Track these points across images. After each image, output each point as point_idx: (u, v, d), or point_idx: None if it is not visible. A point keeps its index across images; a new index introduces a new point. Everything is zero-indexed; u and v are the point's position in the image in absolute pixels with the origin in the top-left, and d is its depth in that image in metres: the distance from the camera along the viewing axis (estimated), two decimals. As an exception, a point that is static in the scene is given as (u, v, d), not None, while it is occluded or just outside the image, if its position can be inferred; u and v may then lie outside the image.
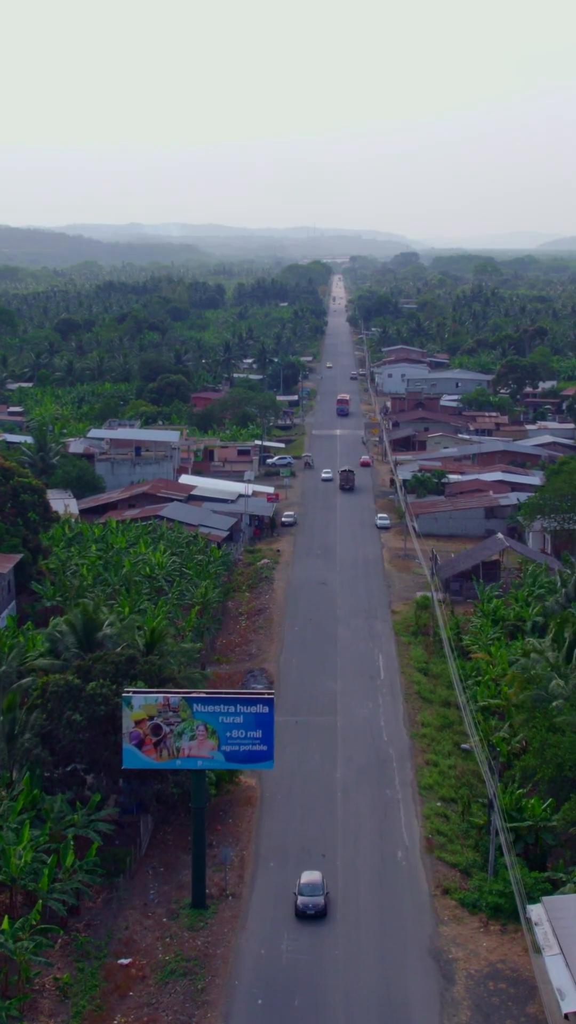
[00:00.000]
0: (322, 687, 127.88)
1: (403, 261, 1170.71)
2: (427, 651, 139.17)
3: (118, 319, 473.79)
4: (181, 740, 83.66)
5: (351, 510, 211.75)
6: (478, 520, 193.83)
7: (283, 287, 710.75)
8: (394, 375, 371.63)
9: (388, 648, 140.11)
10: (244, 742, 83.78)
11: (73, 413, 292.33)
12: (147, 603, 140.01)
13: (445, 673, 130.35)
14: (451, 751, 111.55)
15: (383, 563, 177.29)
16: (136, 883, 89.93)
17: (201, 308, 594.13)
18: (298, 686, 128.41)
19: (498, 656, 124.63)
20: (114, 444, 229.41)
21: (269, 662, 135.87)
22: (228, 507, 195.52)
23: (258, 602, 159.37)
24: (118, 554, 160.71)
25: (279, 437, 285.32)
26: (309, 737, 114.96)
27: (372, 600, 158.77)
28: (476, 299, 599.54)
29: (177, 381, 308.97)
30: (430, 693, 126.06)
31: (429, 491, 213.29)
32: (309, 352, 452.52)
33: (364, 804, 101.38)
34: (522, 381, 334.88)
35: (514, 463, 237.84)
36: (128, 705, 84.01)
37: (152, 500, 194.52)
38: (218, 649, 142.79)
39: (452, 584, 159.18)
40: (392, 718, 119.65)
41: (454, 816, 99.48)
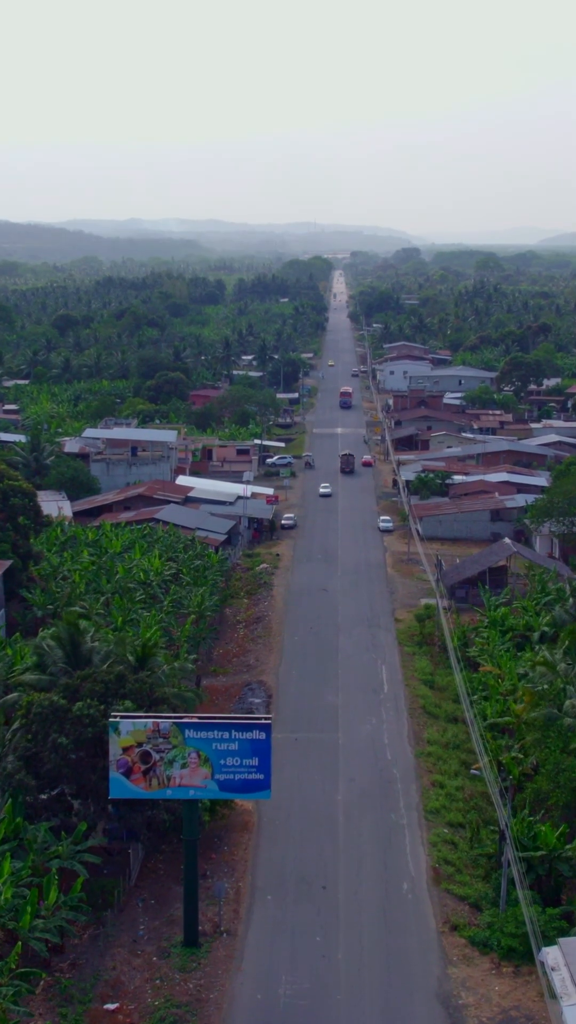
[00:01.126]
0: (323, 701, 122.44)
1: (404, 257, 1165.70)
2: (432, 662, 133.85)
3: (116, 315, 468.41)
4: (172, 768, 78.21)
5: (353, 512, 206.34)
6: (483, 523, 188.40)
7: (284, 283, 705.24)
8: (396, 372, 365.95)
9: (391, 659, 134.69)
10: (239, 770, 78.34)
11: (69, 411, 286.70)
12: (140, 612, 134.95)
13: (451, 686, 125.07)
14: (458, 771, 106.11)
15: (386, 568, 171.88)
16: (125, 917, 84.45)
17: (201, 304, 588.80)
18: (298, 700, 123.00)
19: (507, 669, 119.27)
20: (110, 444, 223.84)
21: (268, 674, 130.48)
22: (226, 509, 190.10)
23: (257, 609, 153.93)
24: (112, 559, 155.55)
25: (279, 436, 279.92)
26: (309, 756, 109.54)
27: (375, 608, 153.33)
28: (478, 295, 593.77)
29: (175, 378, 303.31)
30: (435, 708, 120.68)
31: (432, 492, 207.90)
32: (310, 349, 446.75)
33: (367, 830, 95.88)
34: (526, 378, 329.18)
35: (519, 463, 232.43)
36: (115, 731, 78.53)
37: (148, 502, 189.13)
38: (215, 660, 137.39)
39: (457, 591, 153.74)
40: (396, 735, 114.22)
41: (462, 843, 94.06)
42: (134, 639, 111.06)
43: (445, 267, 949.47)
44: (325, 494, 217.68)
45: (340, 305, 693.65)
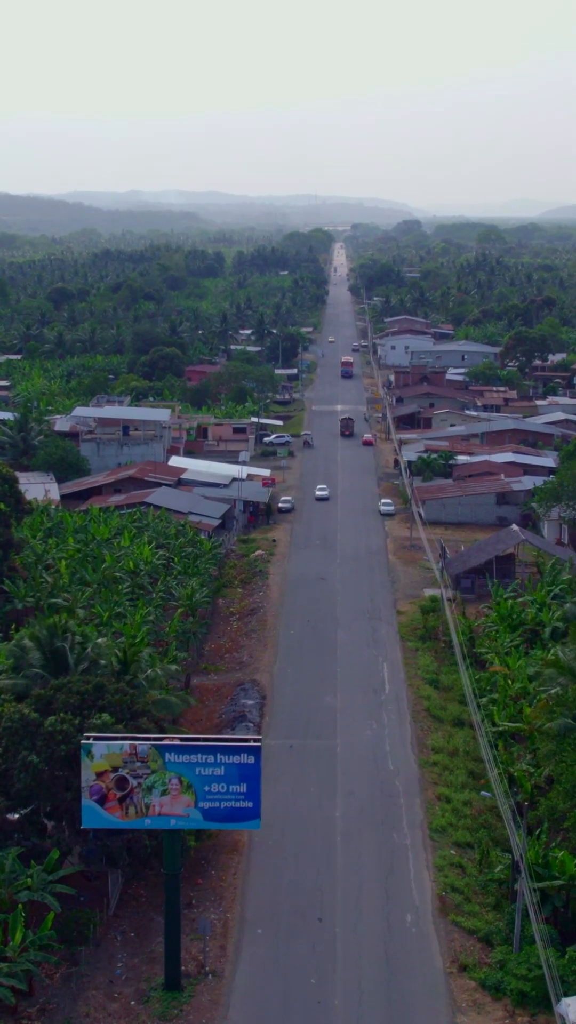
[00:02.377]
0: (320, 703, 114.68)
1: (405, 229, 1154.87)
2: (436, 659, 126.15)
3: (113, 288, 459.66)
4: (151, 795, 70.50)
5: (352, 494, 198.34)
6: (489, 507, 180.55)
7: (283, 255, 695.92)
8: (397, 347, 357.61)
9: (393, 656, 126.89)
10: (225, 797, 70.66)
11: (61, 388, 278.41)
12: (127, 605, 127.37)
13: (457, 684, 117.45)
14: (465, 782, 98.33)
15: (387, 555, 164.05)
16: (102, 953, 76.82)
17: (200, 277, 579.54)
18: (293, 702, 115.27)
19: (516, 669, 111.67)
20: (101, 423, 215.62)
21: (262, 672, 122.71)
22: (220, 492, 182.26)
23: (251, 600, 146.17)
24: (99, 547, 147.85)
25: (277, 413, 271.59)
26: (305, 765, 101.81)
27: (375, 599, 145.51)
28: (481, 268, 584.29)
29: (171, 354, 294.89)
30: (440, 710, 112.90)
31: (435, 474, 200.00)
32: (310, 323, 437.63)
33: (367, 852, 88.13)
34: (531, 354, 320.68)
35: (525, 442, 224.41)
36: (88, 755, 70.74)
37: (139, 484, 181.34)
38: (206, 656, 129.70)
39: (463, 581, 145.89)
40: (399, 741, 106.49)
41: (470, 867, 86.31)
42: (117, 640, 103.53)
43: (447, 239, 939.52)
44: (322, 497, 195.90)
45: (340, 278, 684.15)
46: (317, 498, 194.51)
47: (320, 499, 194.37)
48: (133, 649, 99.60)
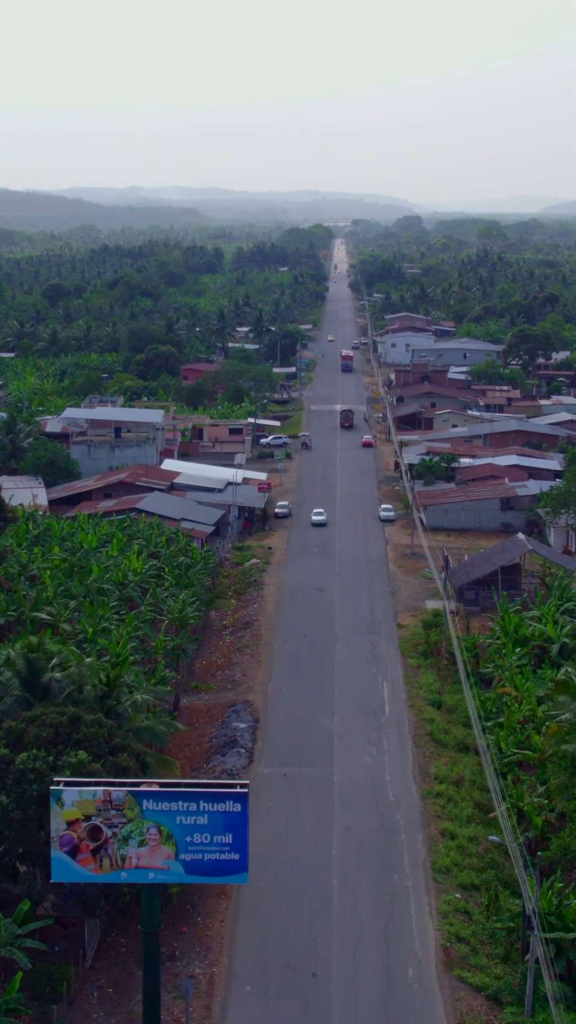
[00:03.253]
0: (317, 727, 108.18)
1: (406, 225, 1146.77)
2: (439, 677, 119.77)
3: (110, 285, 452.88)
4: (127, 846, 63.91)
5: (352, 498, 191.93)
6: (493, 512, 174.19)
7: (283, 251, 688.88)
8: (398, 345, 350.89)
9: (394, 673, 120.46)
10: (209, 849, 64.01)
11: (54, 387, 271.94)
12: (115, 619, 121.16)
13: (461, 705, 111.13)
14: (471, 816, 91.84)
15: (387, 564, 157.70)
16: (76, 1012, 70.42)
17: (198, 273, 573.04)
18: (288, 725, 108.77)
19: (524, 690, 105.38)
20: (92, 424, 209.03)
21: (255, 692, 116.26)
22: (215, 497, 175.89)
23: (245, 612, 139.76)
24: (86, 556, 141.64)
25: (275, 413, 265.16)
26: (299, 797, 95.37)
27: (375, 611, 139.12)
28: (482, 264, 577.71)
29: (166, 352, 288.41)
30: (444, 734, 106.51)
31: (437, 477, 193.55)
32: (309, 320, 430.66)
33: (366, 896, 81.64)
34: (534, 352, 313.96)
35: (529, 444, 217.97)
36: (57, 802, 64.22)
37: (130, 489, 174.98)
38: (196, 673, 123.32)
39: (466, 592, 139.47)
40: (399, 769, 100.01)
41: (477, 913, 79.82)
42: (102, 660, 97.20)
43: (447, 235, 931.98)
44: (319, 523, 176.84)
45: (341, 274, 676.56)
46: (314, 523, 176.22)
47: (317, 524, 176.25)
48: (116, 672, 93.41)
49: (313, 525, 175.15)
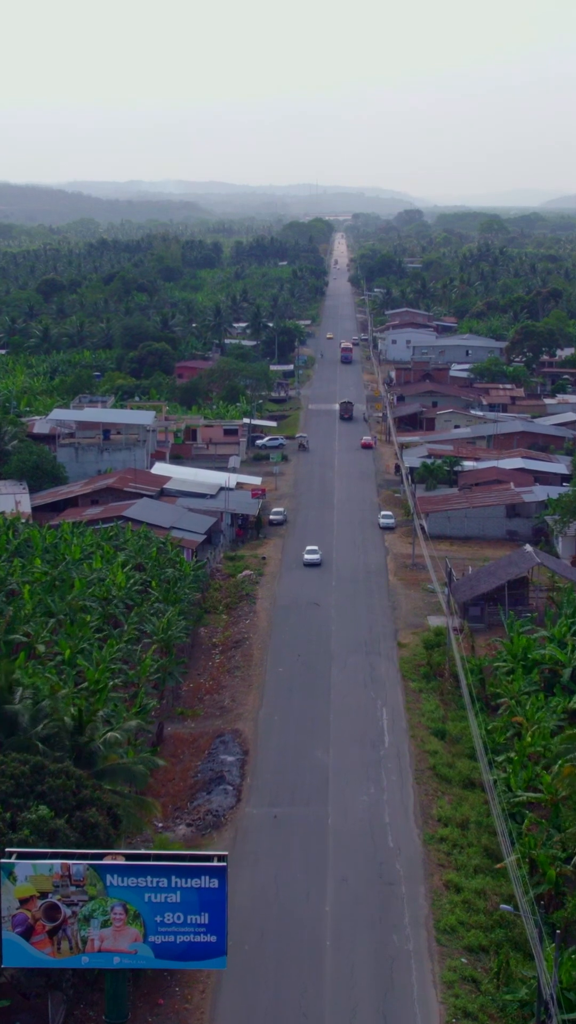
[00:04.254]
0: (310, 760, 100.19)
1: (406, 219, 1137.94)
2: (442, 702, 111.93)
3: (105, 280, 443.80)
4: (89, 927, 56.41)
5: (350, 504, 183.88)
6: (498, 520, 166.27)
7: (283, 245, 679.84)
8: (399, 341, 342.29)
9: (394, 699, 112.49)
10: (182, 931, 56.61)
11: (44, 386, 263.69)
12: (95, 639, 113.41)
13: (466, 734, 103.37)
14: (479, 866, 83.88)
15: (387, 575, 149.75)
16: None
17: (197, 267, 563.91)
18: (280, 758, 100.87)
19: (535, 720, 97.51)
20: (80, 426, 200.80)
21: (245, 719, 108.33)
22: (206, 504, 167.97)
23: (236, 629, 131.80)
24: (69, 569, 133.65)
25: (272, 413, 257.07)
26: (291, 842, 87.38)
27: (374, 628, 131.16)
28: (484, 258, 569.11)
29: (160, 350, 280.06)
30: (448, 768, 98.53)
31: (440, 481, 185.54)
32: (308, 315, 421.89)
33: (362, 960, 73.61)
34: (538, 349, 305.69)
35: (534, 446, 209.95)
36: (9, 876, 56.45)
37: (118, 495, 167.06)
38: (183, 698, 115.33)
39: (471, 608, 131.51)
40: (400, 810, 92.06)
41: (486, 981, 71.83)
42: (73, 693, 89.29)
43: (448, 229, 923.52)
44: (312, 562, 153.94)
45: (341, 268, 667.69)
46: (306, 563, 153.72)
47: (310, 564, 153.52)
48: (91, 705, 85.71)
49: (306, 565, 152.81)
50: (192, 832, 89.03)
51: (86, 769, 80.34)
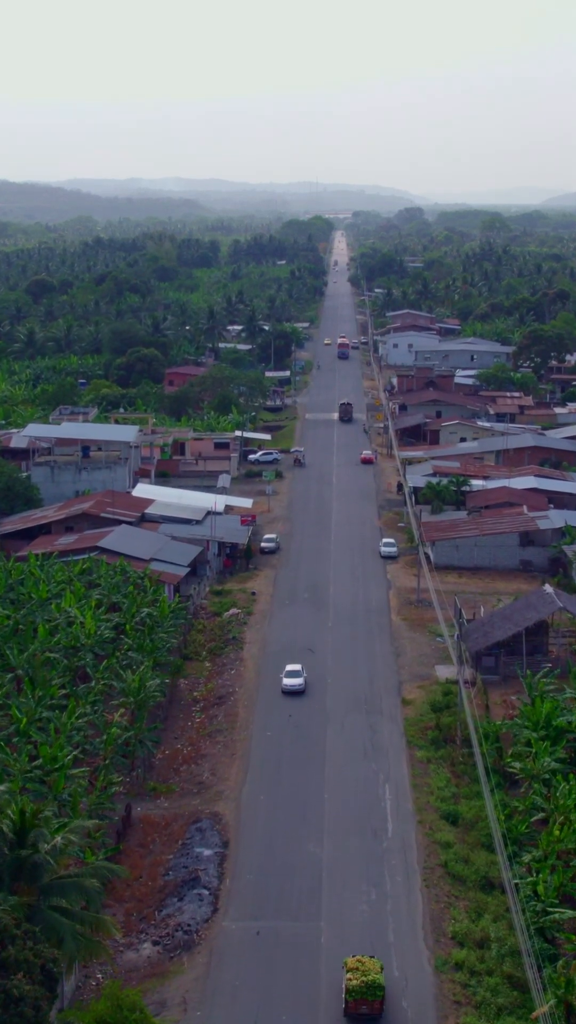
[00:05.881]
0: (301, 855, 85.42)
1: (407, 217, 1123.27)
2: (453, 775, 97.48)
3: (97, 280, 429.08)
4: None
5: (349, 528, 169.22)
6: (511, 548, 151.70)
7: (281, 244, 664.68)
8: (400, 345, 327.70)
9: (398, 772, 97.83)
10: None
11: (26, 394, 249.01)
12: (60, 698, 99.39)
13: (482, 817, 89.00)
14: (502, 1005, 69.22)
15: (390, 614, 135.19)
16: None
17: (193, 267, 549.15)
18: (265, 852, 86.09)
19: (563, 808, 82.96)
20: (58, 442, 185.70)
21: (226, 799, 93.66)
22: (192, 530, 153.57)
23: (220, 681, 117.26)
24: (34, 611, 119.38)
25: (266, 423, 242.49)
26: (276, 968, 72.73)
27: (375, 680, 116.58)
28: (486, 257, 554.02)
29: (149, 356, 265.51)
30: (462, 865, 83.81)
31: (446, 502, 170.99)
32: (306, 317, 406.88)
33: None
34: (546, 354, 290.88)
35: (546, 462, 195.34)
36: None
37: (94, 522, 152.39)
38: (157, 768, 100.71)
39: (484, 658, 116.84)
40: (407, 924, 77.40)
41: None
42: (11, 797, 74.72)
43: (449, 227, 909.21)
44: (293, 688, 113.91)
45: (340, 268, 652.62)
46: (286, 690, 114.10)
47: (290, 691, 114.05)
48: (35, 806, 71.30)
49: (285, 692, 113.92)
50: (159, 953, 74.74)
51: (29, 884, 66.59)
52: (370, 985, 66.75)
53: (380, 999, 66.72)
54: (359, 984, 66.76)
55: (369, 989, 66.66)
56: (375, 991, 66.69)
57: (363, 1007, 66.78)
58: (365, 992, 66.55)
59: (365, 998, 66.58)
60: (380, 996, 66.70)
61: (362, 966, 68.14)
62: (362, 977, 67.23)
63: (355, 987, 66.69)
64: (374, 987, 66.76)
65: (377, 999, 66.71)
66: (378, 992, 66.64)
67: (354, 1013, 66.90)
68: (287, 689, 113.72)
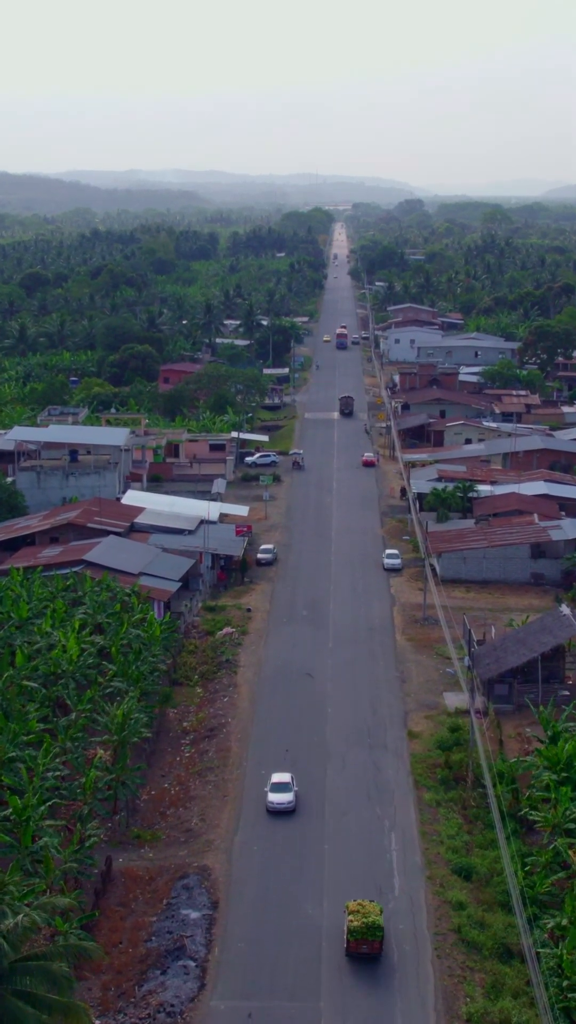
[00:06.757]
0: (298, 920, 76.93)
1: (407, 208, 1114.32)
2: (465, 819, 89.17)
3: (92, 273, 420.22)
4: None
5: (351, 537, 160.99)
6: (522, 561, 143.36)
7: (281, 236, 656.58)
8: (402, 340, 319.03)
9: (405, 818, 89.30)
10: None
11: (16, 393, 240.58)
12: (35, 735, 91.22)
13: (497, 869, 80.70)
14: None
15: (394, 633, 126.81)
16: None
17: (191, 259, 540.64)
18: (259, 917, 77.63)
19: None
20: (46, 445, 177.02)
21: (216, 851, 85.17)
22: (184, 541, 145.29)
23: (212, 710, 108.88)
24: (12, 634, 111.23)
25: (264, 422, 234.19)
26: (269, 1061, 64.63)
27: (379, 710, 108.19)
28: (489, 250, 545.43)
29: (143, 352, 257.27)
30: (477, 930, 75.41)
31: (452, 509, 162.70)
32: (306, 311, 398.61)
33: None
34: (553, 350, 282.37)
35: (556, 465, 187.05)
36: None
37: (81, 532, 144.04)
38: (141, 811, 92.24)
39: (497, 687, 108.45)
40: (417, 1005, 68.88)
41: None
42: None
43: (450, 219, 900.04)
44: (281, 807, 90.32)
45: (340, 260, 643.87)
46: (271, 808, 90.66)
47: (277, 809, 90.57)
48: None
49: (270, 811, 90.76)
50: (138, 1041, 66.43)
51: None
52: (370, 926, 71.97)
53: (379, 939, 72.16)
54: (360, 925, 71.99)
55: (369, 930, 71.92)
56: (375, 932, 71.96)
57: (363, 947, 72.21)
58: (365, 932, 71.84)
59: (365, 938, 71.95)
60: (379, 937, 72.08)
61: (363, 909, 73.08)
62: (363, 919, 72.19)
63: (356, 928, 72.01)
64: (374, 928, 72.00)
65: (376, 939, 72.10)
66: (377, 933, 71.98)
67: (355, 952, 72.31)
68: (274, 808, 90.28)
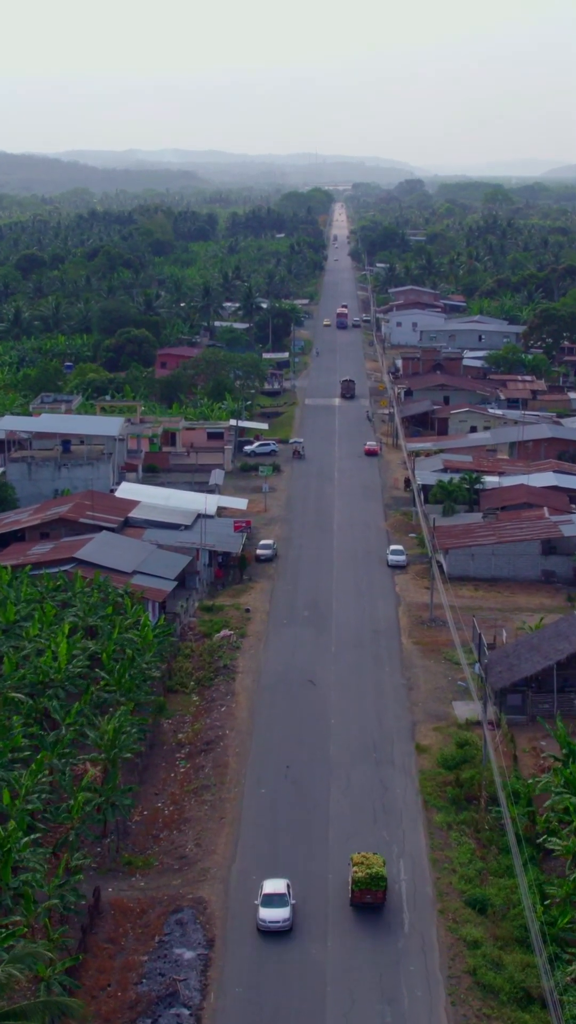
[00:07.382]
0: (300, 961, 71.15)
1: (408, 188, 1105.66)
2: (478, 844, 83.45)
3: (89, 255, 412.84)
4: None
5: (353, 531, 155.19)
6: (532, 557, 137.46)
7: (280, 216, 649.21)
8: (404, 324, 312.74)
9: (414, 843, 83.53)
10: None
11: (8, 378, 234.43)
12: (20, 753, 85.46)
13: (514, 900, 75.15)
14: None
15: (400, 636, 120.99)
16: None
17: (190, 240, 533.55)
18: (258, 957, 71.80)
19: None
20: (37, 435, 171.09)
21: (212, 880, 79.42)
22: (180, 537, 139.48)
23: (208, 720, 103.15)
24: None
25: (264, 408, 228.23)
26: None
27: (385, 721, 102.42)
28: (490, 231, 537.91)
29: (139, 336, 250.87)
30: (493, 971, 69.82)
31: (458, 502, 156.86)
32: (306, 293, 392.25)
33: None
34: (558, 334, 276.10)
35: (563, 455, 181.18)
36: None
37: (72, 528, 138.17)
38: (133, 834, 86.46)
39: (510, 696, 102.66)
40: (429, 1059, 63.55)
41: None
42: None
43: (451, 199, 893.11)
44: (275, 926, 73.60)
45: (340, 241, 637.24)
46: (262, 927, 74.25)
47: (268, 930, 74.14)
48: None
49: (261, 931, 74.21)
50: None
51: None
52: (374, 877, 75.02)
53: (383, 889, 75.25)
54: (364, 876, 75.00)
55: (373, 880, 74.99)
56: (378, 882, 75.03)
57: (367, 896, 75.19)
58: (369, 883, 74.88)
59: (369, 888, 74.95)
60: (383, 887, 75.18)
61: (367, 860, 76.17)
62: (367, 870, 75.24)
63: (360, 878, 74.98)
64: (377, 878, 75.07)
65: (380, 889, 75.17)
66: (381, 883, 75.05)
67: (359, 902, 75.30)
68: (266, 928, 74.28)
